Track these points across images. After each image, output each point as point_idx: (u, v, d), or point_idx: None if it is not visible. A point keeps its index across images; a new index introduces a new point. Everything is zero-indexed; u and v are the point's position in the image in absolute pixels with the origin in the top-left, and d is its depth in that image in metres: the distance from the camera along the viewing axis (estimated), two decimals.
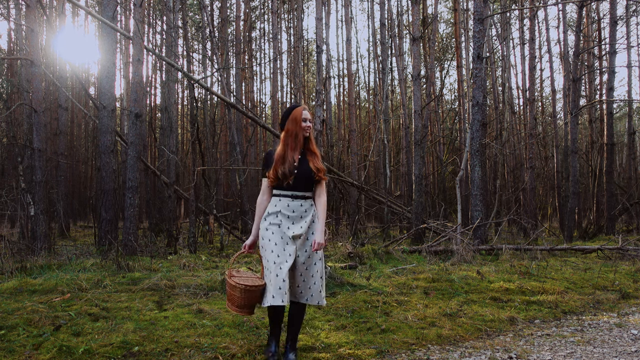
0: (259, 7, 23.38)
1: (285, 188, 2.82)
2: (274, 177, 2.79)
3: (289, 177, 2.78)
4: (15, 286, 4.42)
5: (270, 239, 2.78)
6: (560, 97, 18.82)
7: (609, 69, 12.21)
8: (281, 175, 2.77)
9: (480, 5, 8.49)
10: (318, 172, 2.84)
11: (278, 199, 2.83)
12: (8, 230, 11.86)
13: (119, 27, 11.77)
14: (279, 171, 2.77)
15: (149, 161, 17.42)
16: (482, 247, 7.67)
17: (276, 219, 2.80)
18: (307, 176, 2.83)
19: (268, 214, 2.85)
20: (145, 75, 18.69)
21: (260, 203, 2.94)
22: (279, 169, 2.78)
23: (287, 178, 2.78)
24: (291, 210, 2.80)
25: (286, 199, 2.82)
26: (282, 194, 2.82)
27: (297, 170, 2.82)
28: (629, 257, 7.07)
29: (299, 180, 2.81)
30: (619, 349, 3.26)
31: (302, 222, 2.80)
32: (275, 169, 2.79)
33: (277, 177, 2.79)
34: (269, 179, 2.82)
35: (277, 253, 2.72)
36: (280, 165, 2.79)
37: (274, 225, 2.79)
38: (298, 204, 2.81)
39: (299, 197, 2.82)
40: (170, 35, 11.44)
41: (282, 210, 2.80)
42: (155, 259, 6.43)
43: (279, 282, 2.63)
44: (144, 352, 2.90)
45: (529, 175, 13.21)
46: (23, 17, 9.12)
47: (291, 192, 2.82)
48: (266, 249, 2.77)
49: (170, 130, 11.23)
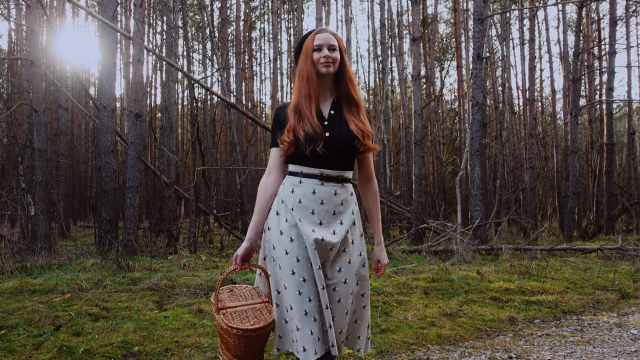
0: (259, 7, 23.38)
1: (310, 163, 1.77)
2: (291, 141, 1.75)
3: (318, 141, 1.74)
4: (15, 286, 4.42)
5: (288, 250, 1.73)
6: (560, 97, 18.83)
7: (609, 69, 12.21)
8: (305, 138, 1.73)
9: (480, 5, 8.49)
10: (364, 137, 1.78)
11: (297, 181, 1.78)
12: (8, 230, 11.87)
13: (119, 27, 11.78)
14: (302, 131, 1.74)
15: (149, 161, 17.42)
16: (482, 247, 7.67)
17: (293, 215, 1.76)
18: (347, 144, 1.78)
19: (280, 204, 1.80)
20: (145, 76, 18.70)
21: (266, 187, 1.85)
22: (300, 127, 1.75)
23: (314, 142, 1.73)
24: (319, 200, 1.76)
25: (311, 180, 1.77)
26: (306, 173, 1.78)
27: (328, 132, 1.77)
28: (629, 257, 7.07)
29: (332, 151, 1.76)
30: (619, 348, 3.27)
31: (335, 222, 1.78)
32: (293, 129, 1.76)
33: (298, 142, 1.75)
34: (283, 145, 1.77)
35: (302, 275, 1.71)
36: (298, 121, 1.77)
37: (291, 225, 1.76)
38: (331, 190, 1.77)
39: (333, 178, 1.78)
40: (170, 35, 11.44)
41: (303, 201, 1.75)
42: (155, 259, 6.44)
43: (317, 325, 1.69)
44: (144, 352, 2.90)
45: (529, 175, 13.21)
46: (23, 17, 9.13)
47: (320, 171, 1.76)
48: (281, 266, 1.75)
49: (170, 130, 11.23)
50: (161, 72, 16.92)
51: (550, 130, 18.01)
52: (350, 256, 1.79)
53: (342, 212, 1.80)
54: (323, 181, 1.77)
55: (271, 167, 1.88)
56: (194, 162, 8.86)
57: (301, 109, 1.78)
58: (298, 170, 1.80)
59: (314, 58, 1.80)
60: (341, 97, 1.85)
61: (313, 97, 1.80)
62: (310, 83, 1.80)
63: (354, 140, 1.79)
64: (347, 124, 1.80)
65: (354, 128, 1.79)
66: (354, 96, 1.85)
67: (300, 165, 1.80)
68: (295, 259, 1.73)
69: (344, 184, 1.82)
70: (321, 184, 1.77)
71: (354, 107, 1.85)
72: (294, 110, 1.80)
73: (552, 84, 17.01)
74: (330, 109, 1.85)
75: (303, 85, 1.81)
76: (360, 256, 1.84)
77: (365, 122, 1.83)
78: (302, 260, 1.73)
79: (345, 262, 1.78)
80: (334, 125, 1.80)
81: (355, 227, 1.84)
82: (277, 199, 1.83)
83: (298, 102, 1.80)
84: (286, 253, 1.74)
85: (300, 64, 1.84)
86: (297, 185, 1.78)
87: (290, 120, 1.79)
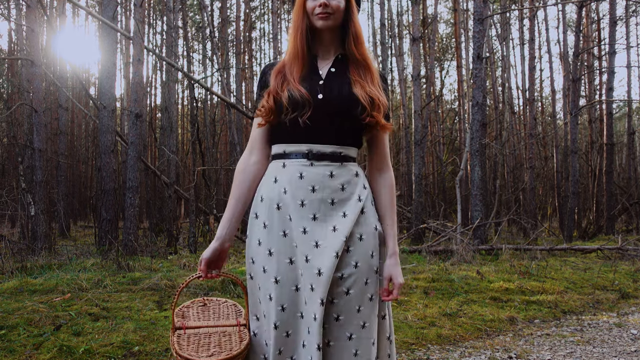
0: (259, 7, 23.38)
1: (294, 137, 1.36)
2: (270, 108, 1.35)
3: (305, 108, 1.32)
4: (15, 286, 4.43)
5: (265, 268, 1.33)
6: (560, 97, 18.83)
7: (609, 69, 12.22)
8: (289, 102, 1.33)
9: (480, 5, 8.49)
10: (372, 107, 1.34)
11: (281, 165, 1.37)
12: (8, 230, 11.86)
13: (119, 27, 11.78)
14: (285, 93, 1.34)
15: (149, 161, 17.42)
16: (482, 247, 7.67)
17: (278, 213, 1.34)
18: (346, 109, 1.34)
19: (259, 203, 1.38)
20: (145, 76, 18.70)
21: (245, 169, 1.42)
22: (283, 89, 1.35)
23: (300, 108, 1.32)
24: (308, 186, 1.32)
25: (297, 161, 1.35)
26: (289, 152, 1.37)
27: (322, 93, 1.36)
28: (629, 257, 7.08)
29: (324, 119, 1.34)
30: (619, 348, 3.27)
31: (336, 214, 1.32)
32: (274, 92, 1.36)
33: (279, 109, 1.35)
34: (261, 112, 1.38)
35: (282, 302, 1.30)
36: (281, 82, 1.37)
37: (274, 229, 1.33)
38: (324, 172, 1.33)
39: (327, 156, 1.34)
40: (171, 35, 11.44)
41: (288, 190, 1.33)
42: (155, 258, 6.44)
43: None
44: (144, 351, 2.90)
45: (529, 175, 13.22)
46: (23, 17, 9.13)
47: (308, 147, 1.34)
48: (260, 286, 1.35)
49: (171, 130, 11.23)
50: (161, 72, 16.93)
51: (550, 130, 18.02)
52: (357, 258, 1.30)
53: (345, 200, 1.33)
54: (312, 160, 1.33)
55: (253, 144, 1.43)
56: (194, 162, 8.87)
57: (286, 70, 1.39)
58: (280, 151, 1.38)
59: (307, 7, 1.39)
60: (348, 56, 1.43)
61: (300, 57, 1.39)
62: (298, 39, 1.38)
63: (357, 106, 1.33)
64: (350, 85, 1.37)
65: (358, 91, 1.35)
66: (361, 56, 1.41)
67: (283, 143, 1.38)
68: (273, 279, 1.31)
69: (343, 163, 1.35)
70: (310, 164, 1.33)
71: (362, 69, 1.41)
72: (279, 70, 1.41)
73: (552, 84, 17.02)
74: (331, 66, 1.42)
75: (291, 40, 1.42)
76: (373, 258, 1.33)
77: (375, 89, 1.38)
78: (284, 281, 1.29)
79: (350, 266, 1.29)
80: (332, 86, 1.37)
81: (366, 218, 1.34)
82: (256, 196, 1.40)
83: (288, 61, 1.42)
84: (264, 271, 1.33)
85: (293, 15, 1.44)
86: (280, 171, 1.35)
87: (271, 82, 1.39)
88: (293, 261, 1.32)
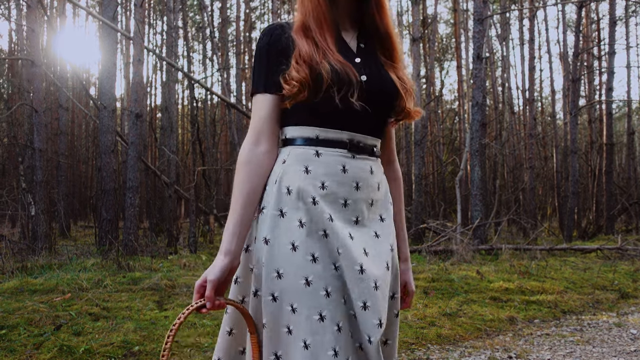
0: (259, 7, 23.39)
1: (333, 121, 1.09)
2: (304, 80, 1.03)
3: (351, 87, 1.05)
4: (16, 286, 4.43)
5: (309, 278, 1.01)
6: (559, 97, 18.84)
7: (608, 70, 12.22)
8: (333, 77, 1.04)
9: (480, 5, 8.50)
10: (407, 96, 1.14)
11: (312, 153, 1.08)
12: (9, 230, 11.86)
13: (120, 28, 11.80)
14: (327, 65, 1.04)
15: (150, 161, 17.43)
16: (482, 247, 7.68)
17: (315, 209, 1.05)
18: (388, 96, 1.13)
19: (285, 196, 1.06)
20: (145, 76, 18.70)
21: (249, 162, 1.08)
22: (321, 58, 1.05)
23: (347, 87, 1.05)
24: (352, 182, 1.09)
25: (337, 151, 1.09)
26: (325, 139, 1.09)
27: (364, 74, 1.10)
28: (628, 256, 7.08)
29: (370, 105, 1.10)
30: (618, 348, 3.27)
31: (374, 218, 1.15)
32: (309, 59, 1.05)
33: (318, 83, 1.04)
34: (290, 87, 1.04)
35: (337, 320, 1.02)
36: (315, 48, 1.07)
37: (313, 228, 1.04)
38: (365, 167, 1.12)
39: (367, 149, 1.13)
40: (171, 35, 11.45)
41: (328, 185, 1.07)
42: (155, 258, 6.45)
43: None
44: (144, 351, 2.91)
45: (529, 175, 13.22)
46: (24, 18, 9.14)
47: (350, 135, 1.10)
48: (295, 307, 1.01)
49: (171, 130, 11.24)
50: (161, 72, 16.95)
51: (550, 130, 18.03)
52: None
53: (379, 201, 1.15)
54: (354, 153, 1.10)
55: (260, 129, 1.09)
56: (194, 162, 8.88)
57: (314, 34, 1.08)
58: (311, 135, 1.08)
59: None
60: (369, 29, 1.16)
61: (327, 20, 1.09)
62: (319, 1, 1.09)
63: (398, 94, 1.13)
64: (384, 68, 1.15)
65: (394, 77, 1.14)
66: (385, 30, 1.15)
67: (314, 126, 1.08)
68: (324, 292, 1.01)
69: (377, 158, 1.17)
70: (352, 156, 1.09)
71: (388, 46, 1.16)
72: (304, 33, 1.09)
73: (552, 84, 17.03)
74: (358, 40, 1.16)
75: (308, 4, 1.11)
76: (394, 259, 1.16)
77: (404, 72, 1.18)
78: (335, 294, 1.02)
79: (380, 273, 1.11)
80: (370, 66, 1.12)
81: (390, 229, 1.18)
82: (276, 188, 1.06)
83: (305, 22, 1.10)
84: (307, 283, 1.00)
85: None
86: (313, 161, 1.07)
87: (301, 45, 1.06)
88: (337, 268, 1.03)
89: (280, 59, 1.08)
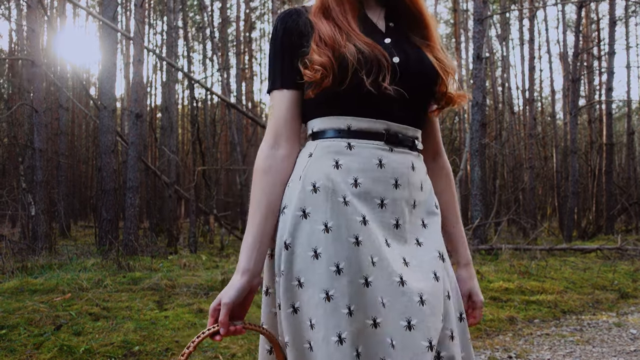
0: (259, 7, 23.40)
1: (366, 110, 0.94)
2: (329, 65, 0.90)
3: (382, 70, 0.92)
4: (16, 286, 4.44)
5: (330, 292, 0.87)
6: (559, 97, 18.85)
7: (608, 70, 12.23)
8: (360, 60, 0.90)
9: (480, 5, 8.50)
10: (447, 77, 1.01)
11: (344, 145, 0.94)
12: (9, 230, 11.87)
13: (120, 28, 11.81)
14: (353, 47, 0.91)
15: (150, 161, 17.44)
16: (482, 246, 7.68)
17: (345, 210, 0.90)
18: (427, 79, 0.99)
19: (310, 195, 0.91)
20: (145, 76, 18.70)
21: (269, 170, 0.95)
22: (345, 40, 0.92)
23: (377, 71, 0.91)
24: (391, 178, 0.94)
25: (372, 143, 0.94)
26: (358, 130, 0.95)
27: (397, 56, 0.96)
28: (628, 256, 7.09)
29: (407, 89, 0.94)
30: (618, 348, 3.28)
31: (417, 223, 0.99)
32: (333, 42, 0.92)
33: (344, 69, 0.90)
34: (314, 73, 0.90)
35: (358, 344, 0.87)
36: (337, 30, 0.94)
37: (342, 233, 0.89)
38: (406, 161, 0.97)
39: (407, 141, 0.98)
40: (171, 35, 11.46)
41: (362, 181, 0.92)
42: (155, 258, 6.45)
43: None
44: (144, 351, 2.91)
45: (529, 175, 13.23)
46: (24, 18, 9.14)
47: (386, 125, 0.95)
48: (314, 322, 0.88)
49: (171, 130, 11.25)
50: (161, 72, 16.96)
51: (550, 130, 18.03)
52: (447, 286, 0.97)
53: (423, 203, 1.00)
54: (392, 145, 0.95)
55: (279, 130, 0.97)
56: (194, 162, 8.88)
57: (335, 14, 0.96)
58: (342, 126, 0.95)
59: None
60: (398, 7, 1.03)
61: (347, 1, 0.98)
62: None
63: (437, 77, 0.99)
64: (418, 48, 1.01)
65: (432, 57, 1.00)
66: (417, 8, 1.02)
67: (343, 115, 0.95)
68: (345, 310, 0.87)
69: (419, 152, 1.02)
70: (389, 149, 0.95)
71: (420, 26, 1.03)
72: (324, 14, 0.97)
73: (552, 84, 17.04)
74: (386, 19, 1.03)
75: None
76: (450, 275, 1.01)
77: (444, 49, 1.05)
78: (358, 312, 0.88)
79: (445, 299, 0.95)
80: (402, 47, 0.99)
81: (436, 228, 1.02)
82: (300, 185, 0.93)
83: (324, 2, 0.98)
84: (327, 298, 0.87)
85: None
86: (344, 154, 0.93)
87: (321, 27, 0.94)
88: (369, 283, 0.88)
89: (297, 50, 0.95)
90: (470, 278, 1.07)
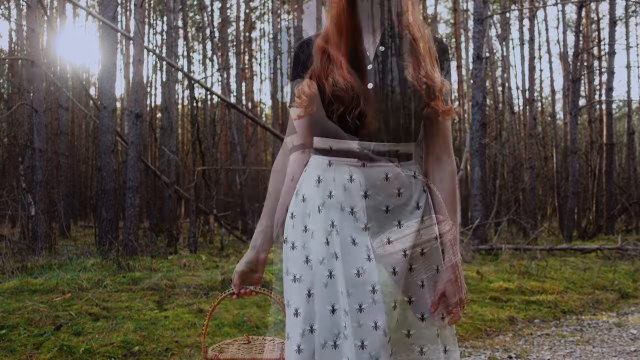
0: (259, 7, 23.39)
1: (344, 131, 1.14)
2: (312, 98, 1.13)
3: (353, 101, 1.10)
4: (16, 286, 4.43)
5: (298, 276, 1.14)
6: (559, 97, 18.84)
7: (608, 70, 12.22)
8: (332, 94, 1.10)
9: (480, 5, 8.50)
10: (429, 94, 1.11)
11: (326, 163, 1.17)
12: (9, 230, 11.87)
13: (120, 28, 11.80)
14: (331, 80, 1.10)
15: (150, 161, 17.43)
16: (482, 247, 7.68)
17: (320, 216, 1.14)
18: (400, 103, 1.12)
19: (299, 202, 1.19)
20: (145, 76, 18.70)
21: (281, 170, 1.26)
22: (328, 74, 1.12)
23: (346, 103, 1.10)
24: (360, 191, 1.12)
25: (346, 161, 1.15)
26: (337, 149, 1.15)
27: (371, 81, 1.12)
28: (628, 256, 7.08)
29: (377, 114, 1.11)
30: (618, 348, 3.27)
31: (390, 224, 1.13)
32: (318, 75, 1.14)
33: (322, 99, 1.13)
34: (301, 101, 1.14)
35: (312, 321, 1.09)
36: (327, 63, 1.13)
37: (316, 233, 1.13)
38: (378, 175, 1.13)
39: (382, 155, 1.13)
40: (171, 35, 11.45)
41: (335, 194, 1.13)
42: (155, 258, 6.45)
43: None
44: (144, 351, 2.91)
45: (529, 175, 13.22)
46: (24, 18, 9.14)
47: (359, 144, 1.13)
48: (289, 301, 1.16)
49: (171, 130, 11.24)
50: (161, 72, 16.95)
51: (550, 130, 18.03)
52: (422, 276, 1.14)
53: (400, 207, 1.12)
54: (365, 161, 1.12)
55: (289, 138, 1.24)
56: (194, 162, 8.88)
57: (330, 47, 1.13)
58: (326, 146, 1.16)
59: None
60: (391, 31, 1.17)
61: (345, 28, 1.11)
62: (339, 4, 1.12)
63: (412, 97, 1.10)
64: (404, 69, 1.12)
65: (411, 76, 1.10)
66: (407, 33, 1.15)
67: (329, 137, 1.15)
68: (306, 292, 1.09)
69: (399, 163, 1.14)
70: (362, 165, 1.12)
71: (409, 46, 1.14)
72: (321, 49, 1.14)
73: (552, 84, 17.03)
74: (379, 44, 1.15)
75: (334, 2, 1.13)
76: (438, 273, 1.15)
77: (432, 68, 1.12)
78: (319, 297, 1.07)
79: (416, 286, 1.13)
80: (383, 71, 1.12)
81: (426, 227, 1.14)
82: (296, 196, 1.20)
83: (328, 32, 1.15)
84: (294, 280, 1.13)
85: None
86: (325, 170, 1.15)
87: (315, 62, 1.14)
88: (333, 275, 1.07)
89: (301, 78, 1.19)
90: (444, 281, 1.16)
